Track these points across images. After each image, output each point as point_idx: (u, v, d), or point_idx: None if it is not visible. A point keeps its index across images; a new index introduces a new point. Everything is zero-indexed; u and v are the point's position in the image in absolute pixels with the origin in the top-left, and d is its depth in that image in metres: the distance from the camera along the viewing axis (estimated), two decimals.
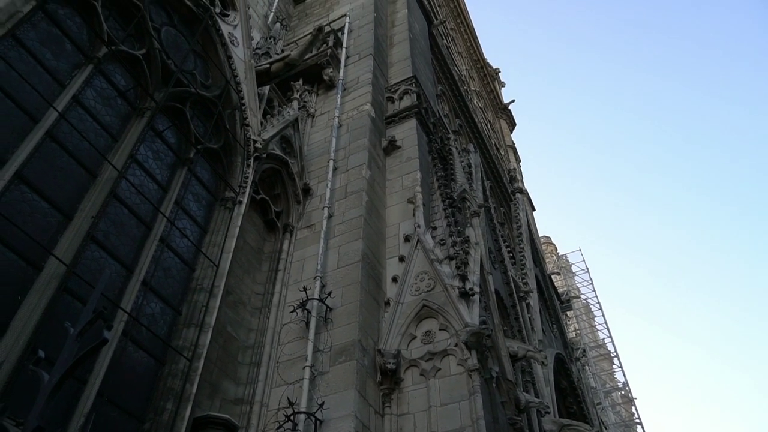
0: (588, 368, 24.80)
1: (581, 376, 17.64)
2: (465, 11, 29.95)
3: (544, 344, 13.41)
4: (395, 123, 11.55)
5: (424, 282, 8.12)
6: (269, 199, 9.38)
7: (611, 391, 31.35)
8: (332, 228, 9.03)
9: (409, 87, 12.24)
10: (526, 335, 12.70)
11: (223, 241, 7.83)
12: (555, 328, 16.81)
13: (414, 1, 17.07)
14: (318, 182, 10.03)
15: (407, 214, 9.40)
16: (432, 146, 11.62)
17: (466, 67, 27.82)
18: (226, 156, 8.72)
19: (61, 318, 5.32)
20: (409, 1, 16.35)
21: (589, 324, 34.33)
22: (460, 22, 29.21)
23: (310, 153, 10.78)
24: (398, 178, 10.28)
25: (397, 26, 15.16)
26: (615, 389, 31.56)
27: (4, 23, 5.79)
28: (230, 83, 8.91)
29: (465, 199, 11.09)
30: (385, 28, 14.87)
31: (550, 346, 14.39)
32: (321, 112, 11.84)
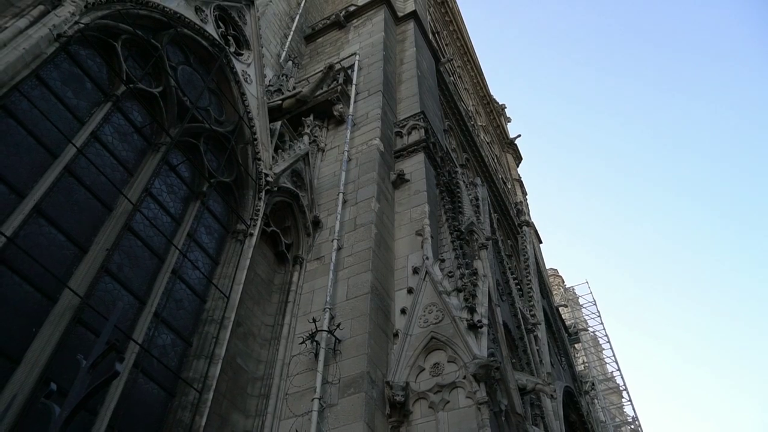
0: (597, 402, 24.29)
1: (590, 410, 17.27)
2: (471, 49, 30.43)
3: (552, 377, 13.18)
4: (404, 157, 11.59)
5: (433, 314, 8.05)
6: (280, 231, 9.39)
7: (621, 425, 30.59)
8: (341, 260, 9.00)
9: (417, 122, 12.32)
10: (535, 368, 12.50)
11: (234, 273, 7.83)
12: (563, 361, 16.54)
13: (422, 41, 17.35)
14: (327, 215, 10.04)
15: (415, 247, 9.36)
16: (440, 180, 11.63)
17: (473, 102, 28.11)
18: (238, 189, 8.78)
19: (74, 350, 5.31)
20: (417, 40, 16.62)
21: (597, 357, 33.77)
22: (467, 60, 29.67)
23: (320, 186, 10.81)
24: (407, 210, 10.28)
25: (405, 64, 15.39)
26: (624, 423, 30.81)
27: (29, 64, 5.94)
28: (243, 119, 9.04)
29: (473, 232, 11.06)
30: (394, 66, 15.09)
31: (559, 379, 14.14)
32: (331, 146, 11.92)
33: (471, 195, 12.97)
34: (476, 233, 11.05)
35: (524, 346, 12.65)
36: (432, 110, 14.57)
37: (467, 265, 9.15)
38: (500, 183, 23.43)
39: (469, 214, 11.54)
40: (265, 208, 8.90)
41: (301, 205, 9.77)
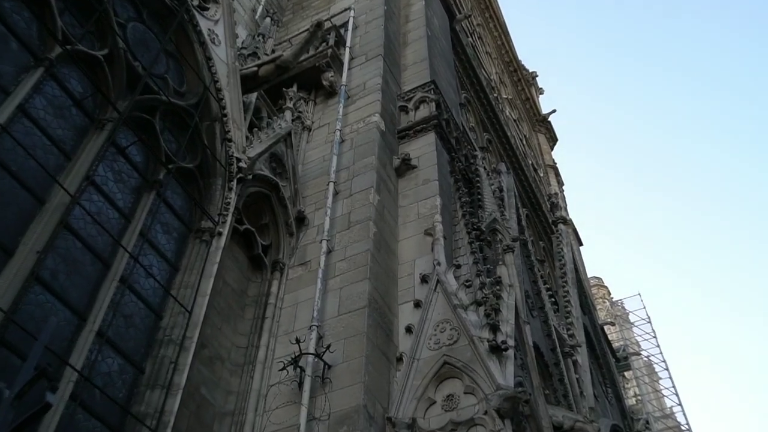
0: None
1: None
2: (494, 3, 30.41)
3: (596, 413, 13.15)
4: (410, 138, 11.62)
5: (446, 333, 8.06)
6: (255, 230, 9.41)
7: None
8: (332, 266, 9.03)
9: (427, 94, 12.34)
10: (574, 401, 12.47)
11: (198, 282, 7.83)
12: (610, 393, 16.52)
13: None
14: (315, 210, 10.07)
15: (424, 249, 9.39)
16: (455, 166, 11.65)
17: (497, 70, 28.11)
18: (204, 178, 8.78)
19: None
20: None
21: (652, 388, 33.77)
22: (489, 17, 29.64)
23: (306, 174, 10.84)
24: (413, 204, 10.31)
25: (412, 21, 15.36)
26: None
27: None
28: (209, 90, 9.02)
29: (495, 231, 11.07)
30: (398, 24, 15.07)
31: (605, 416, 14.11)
32: (319, 124, 11.93)
33: (494, 185, 12.98)
34: (500, 233, 11.05)
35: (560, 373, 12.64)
36: (445, 79, 14.56)
37: (489, 272, 9.17)
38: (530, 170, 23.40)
39: (492, 209, 11.56)
40: (237, 201, 8.91)
41: (282, 198, 9.78)
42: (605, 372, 17.09)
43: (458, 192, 11.05)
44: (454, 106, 14.30)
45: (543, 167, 28.49)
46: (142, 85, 7.94)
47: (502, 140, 19.87)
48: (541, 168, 28.09)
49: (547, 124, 32.06)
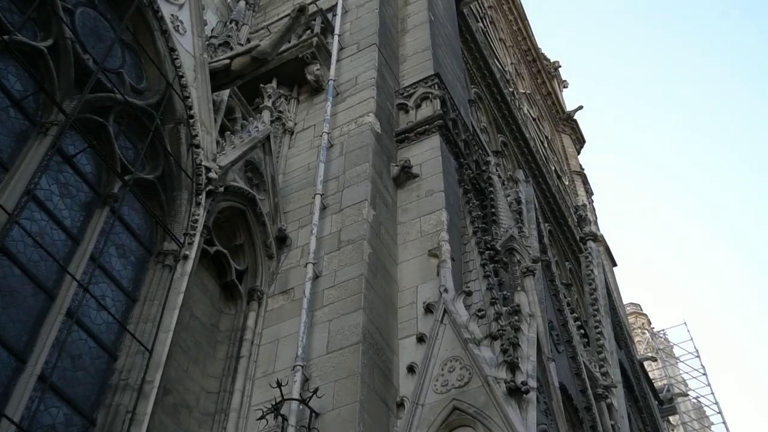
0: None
1: None
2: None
3: None
4: (410, 141, 11.65)
5: (455, 373, 8.04)
6: (228, 252, 9.39)
7: None
8: (319, 294, 9.03)
9: (430, 89, 12.36)
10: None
11: (160, 315, 7.80)
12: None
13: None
14: (299, 227, 10.07)
15: (428, 273, 9.40)
16: (464, 174, 11.68)
17: (513, 60, 28.25)
18: (166, 191, 8.76)
19: None
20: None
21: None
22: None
23: (288, 185, 10.84)
24: (415, 220, 10.33)
25: (412, 4, 15.45)
26: None
27: None
28: (173, 86, 9.03)
29: (513, 251, 11.05)
30: (395, 8, 15.14)
31: None
32: (303, 126, 11.94)
33: (510, 196, 12.96)
34: (518, 253, 11.03)
35: (592, 419, 12.57)
36: (452, 72, 14.62)
37: (505, 300, 9.19)
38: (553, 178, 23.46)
39: (508, 225, 11.57)
40: (206, 219, 8.90)
41: (260, 214, 9.79)
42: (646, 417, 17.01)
43: (468, 205, 11.05)
44: (462, 103, 14.32)
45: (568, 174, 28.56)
46: (93, 81, 7.92)
47: (520, 143, 19.91)
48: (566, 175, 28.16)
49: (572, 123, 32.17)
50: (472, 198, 11.34)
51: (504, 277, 10.32)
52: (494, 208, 11.97)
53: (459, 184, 11.49)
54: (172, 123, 9.02)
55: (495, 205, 12.02)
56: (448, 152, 11.58)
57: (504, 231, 11.47)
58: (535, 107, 28.58)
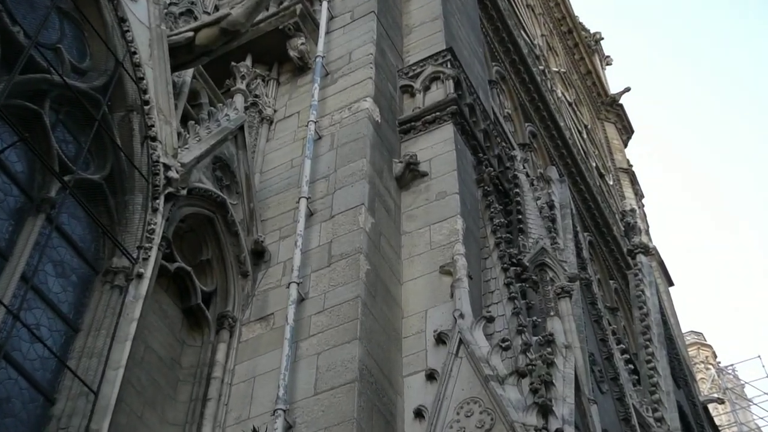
0: None
1: None
2: None
3: None
4: (417, 132, 11.66)
5: (474, 418, 7.96)
6: (192, 270, 9.35)
7: None
8: (305, 321, 9.00)
9: (442, 68, 12.33)
10: None
11: (108, 348, 7.71)
12: None
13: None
14: (280, 238, 10.09)
15: (440, 295, 9.37)
16: (483, 172, 11.64)
17: (543, 31, 28.21)
18: (116, 194, 8.68)
19: None
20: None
21: None
22: None
23: (267, 187, 10.84)
24: (424, 229, 10.32)
25: None
26: None
27: None
28: (123, 65, 8.94)
29: (545, 267, 11.01)
30: None
31: None
32: (285, 113, 11.93)
33: (541, 199, 12.94)
34: (551, 269, 11.01)
35: None
36: (468, 46, 14.60)
37: (536, 327, 9.19)
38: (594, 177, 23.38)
39: (538, 235, 11.56)
40: (165, 228, 8.83)
41: (232, 222, 9.76)
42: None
43: (489, 210, 11.00)
44: (481, 85, 14.26)
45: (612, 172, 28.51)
46: (24, 59, 7.81)
47: (553, 133, 19.85)
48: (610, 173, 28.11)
49: (617, 109, 32.13)
50: (493, 201, 11.28)
51: (534, 300, 10.29)
52: (521, 213, 11.95)
53: (477, 185, 11.46)
54: (123, 110, 8.92)
55: (522, 211, 12.01)
56: (464, 145, 11.56)
57: (533, 242, 11.44)
58: (571, 89, 28.52)
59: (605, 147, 29.72)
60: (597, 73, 32.07)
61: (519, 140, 17.63)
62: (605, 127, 31.03)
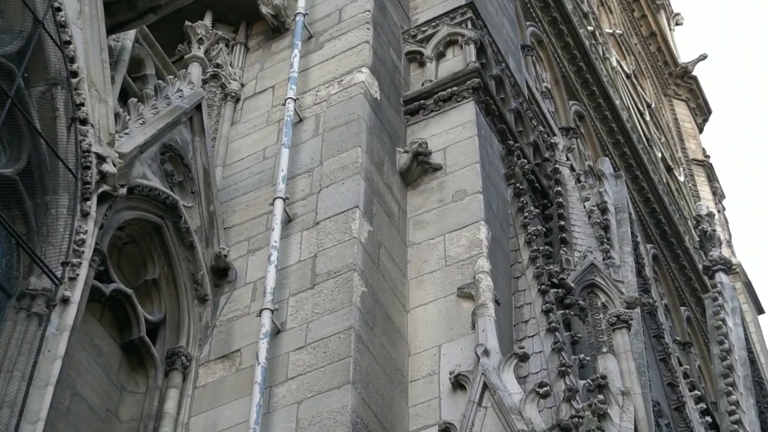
0: None
1: None
2: None
3: None
4: (428, 113, 11.68)
5: None
6: (134, 293, 9.33)
7: None
8: (282, 359, 9.03)
9: (460, 29, 12.37)
10: None
11: (24, 395, 7.70)
12: None
13: None
14: (249, 252, 10.12)
15: (458, 325, 9.39)
16: (514, 165, 11.62)
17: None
18: (34, 194, 8.69)
19: None
20: None
21: None
22: None
23: (232, 184, 10.88)
24: (437, 240, 10.34)
25: None
26: None
27: None
28: (44, 25, 8.94)
29: (595, 289, 11.04)
30: None
31: None
32: (256, 89, 11.99)
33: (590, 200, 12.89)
34: (603, 292, 11.02)
35: None
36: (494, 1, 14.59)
37: (583, 367, 9.17)
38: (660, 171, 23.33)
39: (587, 247, 11.60)
40: (98, 239, 8.83)
41: (186, 230, 9.77)
42: None
43: (522, 215, 10.99)
44: (511, 51, 14.26)
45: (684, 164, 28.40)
46: None
47: (606, 114, 19.81)
48: (681, 166, 28.02)
49: (690, 83, 31.92)
50: (527, 203, 11.26)
51: (581, 332, 10.30)
52: (564, 219, 11.95)
53: (507, 181, 11.47)
54: (43, 84, 8.93)
55: (565, 215, 12.02)
56: (489, 130, 11.58)
57: (580, 256, 11.47)
58: (630, 57, 28.45)
59: (674, 132, 29.60)
60: (663, 35, 31.92)
61: (561, 123, 17.62)
62: (674, 106, 30.87)
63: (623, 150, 19.77)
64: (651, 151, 23.45)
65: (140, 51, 10.75)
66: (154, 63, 10.97)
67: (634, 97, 26.26)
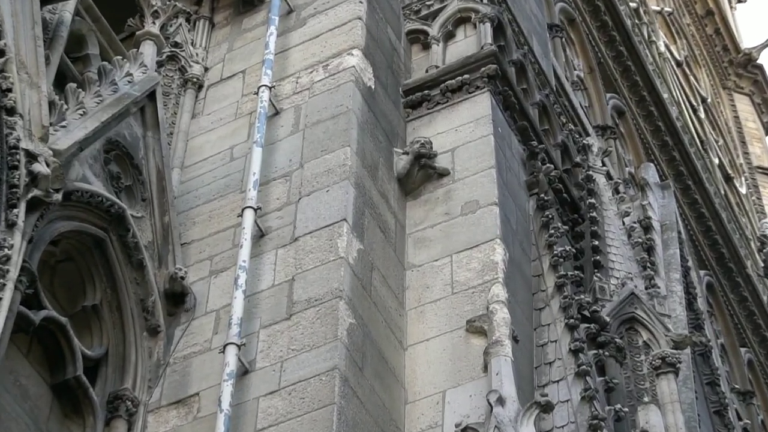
0: None
1: None
2: None
3: None
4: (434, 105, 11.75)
5: None
6: (69, 322, 9.28)
7: None
8: (250, 406, 9.01)
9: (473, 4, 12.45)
10: None
11: None
12: None
13: None
14: (212, 273, 10.16)
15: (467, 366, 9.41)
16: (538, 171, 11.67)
17: None
18: None
19: None
20: None
21: None
22: None
23: (192, 190, 10.93)
24: (442, 260, 10.37)
25: None
26: None
27: None
28: None
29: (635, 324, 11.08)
30: None
31: None
32: (224, 73, 12.06)
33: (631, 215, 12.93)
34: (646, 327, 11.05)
35: None
36: None
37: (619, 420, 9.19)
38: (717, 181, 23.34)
39: (626, 272, 11.64)
40: (27, 255, 8.82)
41: (134, 245, 9.79)
42: None
43: (547, 232, 11.03)
44: (536, 31, 14.33)
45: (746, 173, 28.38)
46: None
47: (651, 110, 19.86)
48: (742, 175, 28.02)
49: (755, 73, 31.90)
50: (554, 218, 11.31)
51: (617, 376, 10.31)
52: (598, 238, 11.97)
53: (529, 191, 11.51)
54: None
55: (600, 233, 12.05)
56: (508, 128, 11.65)
57: (618, 284, 11.49)
58: (681, 41, 28.51)
59: (735, 133, 29.64)
60: (723, 15, 32.00)
61: (596, 121, 17.70)
62: (735, 101, 30.88)
63: (672, 154, 19.82)
64: (706, 156, 23.50)
65: (81, 26, 10.74)
66: (99, 40, 10.95)
67: (686, 89, 26.32)
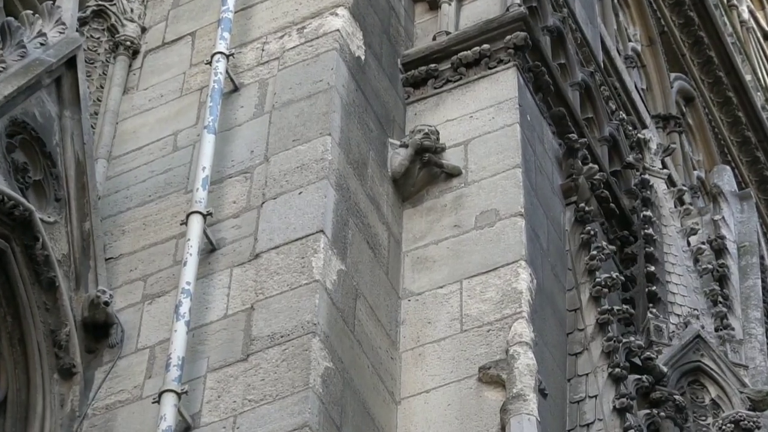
0: None
1: None
2: None
3: None
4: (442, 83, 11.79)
5: None
6: None
7: None
8: None
9: None
10: None
11: None
12: None
13: None
14: (144, 299, 10.17)
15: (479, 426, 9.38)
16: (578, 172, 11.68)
17: None
18: None
19: None
20: None
21: None
22: None
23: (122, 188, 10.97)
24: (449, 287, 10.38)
25: None
26: None
27: None
28: None
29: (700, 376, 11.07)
30: None
31: None
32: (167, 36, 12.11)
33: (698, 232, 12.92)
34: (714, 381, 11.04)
35: None
36: None
37: None
38: None
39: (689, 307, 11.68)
40: None
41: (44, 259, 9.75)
42: None
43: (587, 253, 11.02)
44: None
45: None
46: None
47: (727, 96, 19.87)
48: None
49: None
50: (597, 235, 11.30)
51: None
52: (655, 262, 11.96)
53: (565, 199, 11.53)
54: None
55: (658, 257, 12.03)
56: (540, 115, 11.72)
57: (680, 323, 11.49)
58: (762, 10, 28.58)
59: None
60: None
61: (656, 109, 17.75)
62: None
63: (754, 154, 19.86)
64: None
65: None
66: None
67: None
